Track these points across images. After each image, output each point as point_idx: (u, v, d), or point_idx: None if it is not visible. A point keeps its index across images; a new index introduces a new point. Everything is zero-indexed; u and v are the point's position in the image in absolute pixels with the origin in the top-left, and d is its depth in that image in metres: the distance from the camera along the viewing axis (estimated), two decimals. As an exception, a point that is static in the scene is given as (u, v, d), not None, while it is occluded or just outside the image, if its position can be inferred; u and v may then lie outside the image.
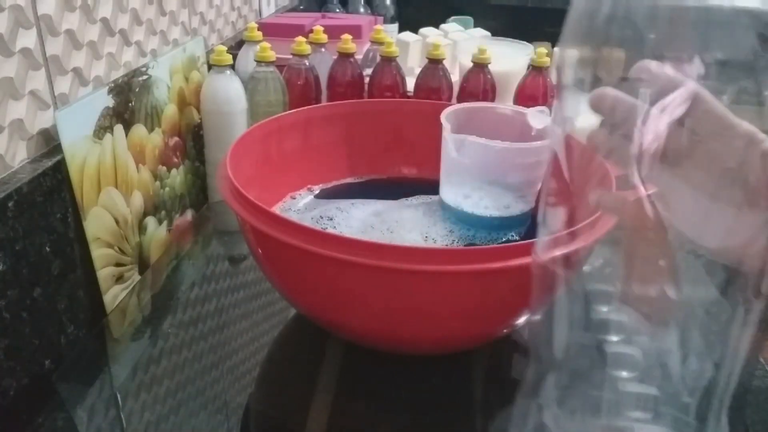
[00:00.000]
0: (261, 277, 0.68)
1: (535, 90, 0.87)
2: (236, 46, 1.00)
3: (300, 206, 0.68)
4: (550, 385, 0.40)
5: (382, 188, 0.72)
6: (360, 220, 0.64)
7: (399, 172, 0.75)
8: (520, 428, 0.40)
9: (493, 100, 0.89)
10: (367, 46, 1.00)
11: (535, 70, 0.87)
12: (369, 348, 0.56)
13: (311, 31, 0.94)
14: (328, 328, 0.56)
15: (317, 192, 0.70)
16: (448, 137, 0.62)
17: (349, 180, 0.73)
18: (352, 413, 0.52)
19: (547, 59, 0.87)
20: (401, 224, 0.64)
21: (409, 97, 0.89)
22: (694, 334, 0.40)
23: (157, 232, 0.73)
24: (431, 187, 0.69)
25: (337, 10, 1.40)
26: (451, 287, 0.46)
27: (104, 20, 0.65)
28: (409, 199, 0.70)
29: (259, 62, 0.81)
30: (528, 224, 0.65)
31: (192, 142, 0.82)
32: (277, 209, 0.66)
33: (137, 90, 0.68)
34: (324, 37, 0.92)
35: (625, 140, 0.35)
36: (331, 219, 0.64)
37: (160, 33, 0.78)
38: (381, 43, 0.91)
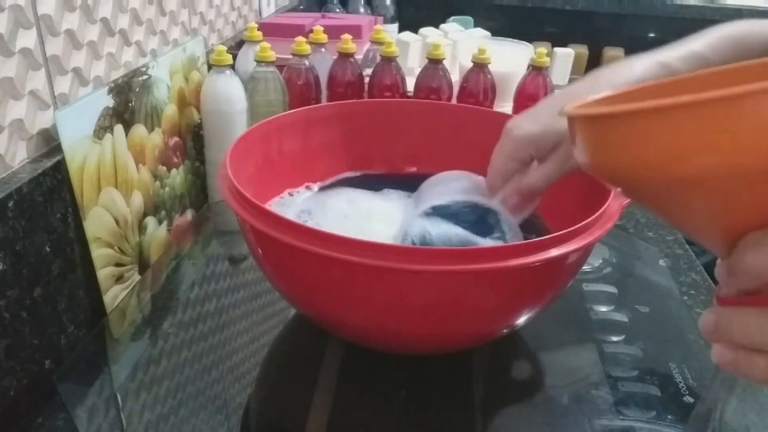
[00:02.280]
0: (261, 277, 0.68)
1: (535, 90, 0.87)
2: (236, 46, 1.00)
3: (290, 203, 0.67)
4: None
5: (381, 189, 0.72)
6: (334, 210, 0.63)
7: (399, 172, 0.75)
8: None
9: (493, 100, 0.89)
10: (367, 46, 1.00)
11: (535, 70, 0.87)
12: (369, 348, 0.56)
13: (311, 31, 0.94)
14: (328, 328, 0.56)
15: (316, 191, 0.70)
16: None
17: (348, 175, 0.73)
18: (352, 413, 0.52)
19: (547, 59, 0.87)
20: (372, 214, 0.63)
21: (409, 97, 0.89)
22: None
23: (157, 232, 0.73)
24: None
25: (337, 10, 1.40)
26: (451, 287, 0.46)
27: (104, 20, 0.65)
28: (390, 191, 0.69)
29: (259, 62, 0.81)
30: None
31: (192, 142, 0.82)
32: (273, 205, 0.66)
33: (137, 90, 0.68)
34: (324, 37, 0.92)
35: None
36: (310, 213, 0.63)
37: (160, 33, 0.78)
38: (381, 43, 0.91)
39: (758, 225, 0.26)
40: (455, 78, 0.93)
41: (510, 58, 0.97)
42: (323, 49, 0.93)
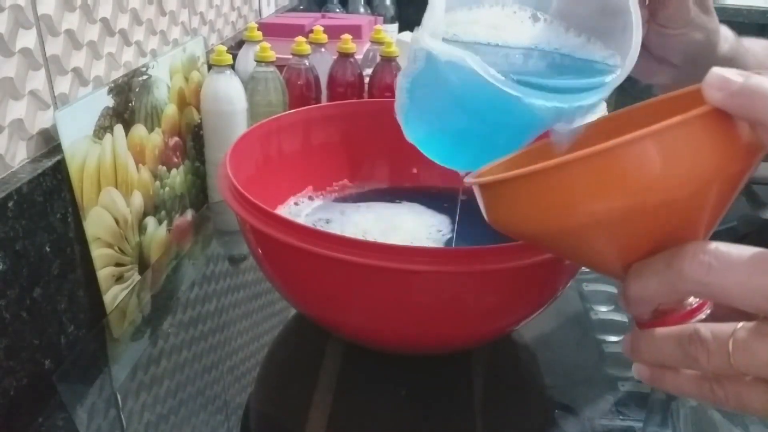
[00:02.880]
0: (261, 277, 0.68)
1: (535, 90, 0.87)
2: (236, 46, 1.00)
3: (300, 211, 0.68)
4: None
5: (381, 190, 0.72)
6: (356, 225, 0.64)
7: (399, 173, 0.75)
8: None
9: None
10: (367, 46, 1.00)
11: (535, 70, 0.87)
12: (369, 348, 0.56)
13: (311, 31, 0.94)
14: (328, 328, 0.56)
15: (316, 196, 0.70)
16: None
17: (347, 182, 0.73)
18: (352, 413, 0.52)
19: (547, 59, 0.87)
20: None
21: (409, 97, 0.89)
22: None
23: (157, 232, 0.73)
24: (433, 188, 0.69)
25: (337, 10, 1.40)
26: (451, 287, 0.46)
27: (104, 20, 0.65)
28: (407, 203, 0.69)
29: (259, 62, 0.81)
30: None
31: (192, 142, 0.82)
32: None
33: (137, 90, 0.68)
34: (324, 37, 0.92)
35: None
36: (328, 222, 0.64)
37: (160, 33, 0.78)
38: (381, 43, 0.91)
39: (641, 256, 0.29)
40: (455, 78, 0.92)
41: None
42: (323, 49, 0.93)
